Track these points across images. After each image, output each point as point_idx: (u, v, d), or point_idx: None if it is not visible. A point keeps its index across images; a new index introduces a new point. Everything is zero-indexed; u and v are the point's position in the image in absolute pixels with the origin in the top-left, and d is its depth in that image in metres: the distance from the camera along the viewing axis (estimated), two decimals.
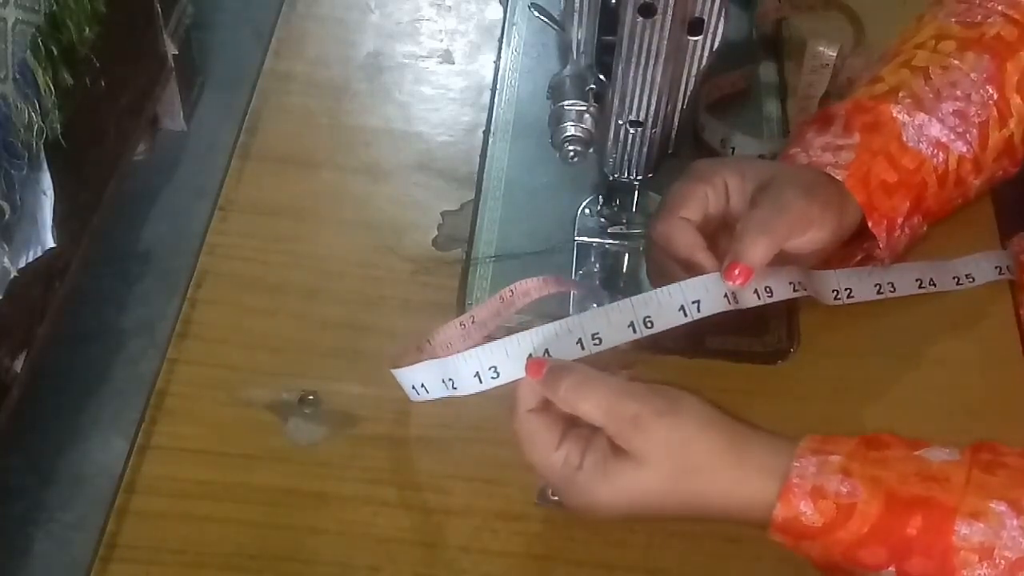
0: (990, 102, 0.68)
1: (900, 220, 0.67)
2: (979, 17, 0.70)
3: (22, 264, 1.22)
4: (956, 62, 0.69)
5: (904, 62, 0.70)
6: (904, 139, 0.67)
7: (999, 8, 0.70)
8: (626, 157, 0.69)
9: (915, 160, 0.67)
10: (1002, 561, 0.49)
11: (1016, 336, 0.71)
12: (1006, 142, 0.70)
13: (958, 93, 0.68)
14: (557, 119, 0.66)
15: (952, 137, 0.68)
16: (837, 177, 0.65)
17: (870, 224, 0.66)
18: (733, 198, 0.64)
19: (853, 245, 0.69)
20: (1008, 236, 0.77)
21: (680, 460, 0.54)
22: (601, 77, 0.66)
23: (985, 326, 0.72)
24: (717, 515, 0.55)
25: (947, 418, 0.67)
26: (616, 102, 0.65)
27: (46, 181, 1.24)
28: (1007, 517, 0.50)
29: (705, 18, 0.61)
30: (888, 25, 0.79)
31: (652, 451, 0.53)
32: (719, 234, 0.64)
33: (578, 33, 0.66)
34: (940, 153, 0.68)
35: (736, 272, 0.59)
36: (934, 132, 0.67)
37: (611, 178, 0.71)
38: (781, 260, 0.62)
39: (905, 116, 0.67)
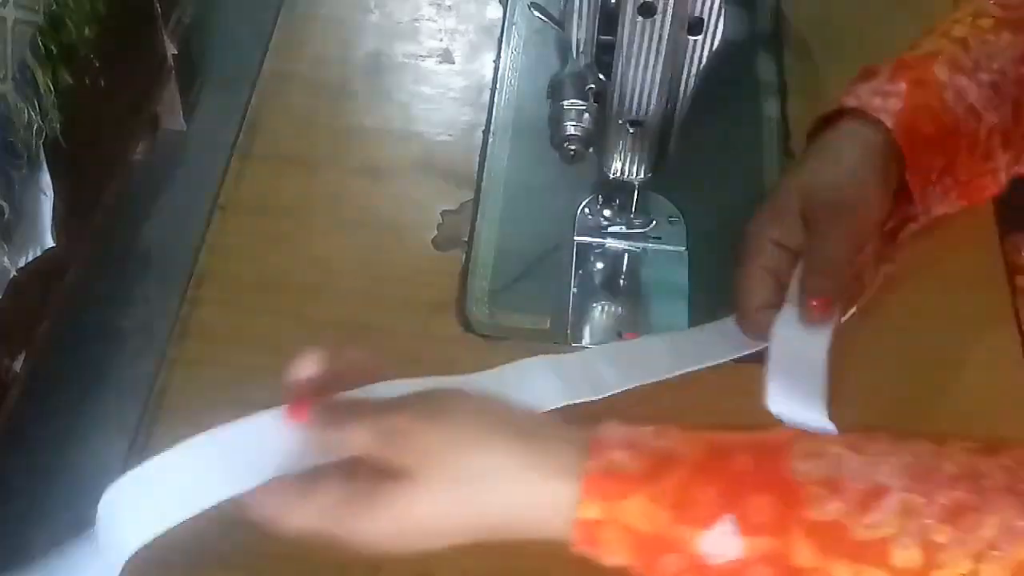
0: (1022, 84, 0.68)
1: (934, 176, 0.66)
2: (1018, 1, 0.70)
3: (21, 264, 1.22)
4: (993, 38, 0.68)
5: (943, 32, 0.69)
6: (945, 98, 0.66)
7: None
8: (626, 157, 0.69)
9: (953, 121, 0.66)
10: (853, 494, 0.44)
11: (1016, 336, 0.71)
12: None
13: (995, 67, 0.68)
14: (557, 119, 0.66)
15: (986, 106, 0.67)
16: (886, 123, 0.64)
17: (907, 177, 0.65)
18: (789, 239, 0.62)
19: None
20: (1008, 236, 0.77)
21: (454, 469, 0.47)
22: (601, 77, 0.66)
23: (985, 326, 0.72)
24: (513, 529, 0.49)
25: (947, 418, 0.67)
26: (616, 102, 0.65)
27: (45, 181, 1.24)
28: (846, 457, 0.45)
29: (705, 18, 0.61)
30: None
31: (422, 463, 0.47)
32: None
33: (578, 32, 0.66)
34: (972, 120, 0.67)
35: (814, 305, 0.58)
36: (971, 97, 0.67)
37: (611, 178, 0.71)
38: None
39: (946, 77, 0.67)
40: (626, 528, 0.46)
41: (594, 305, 0.73)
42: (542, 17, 0.75)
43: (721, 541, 0.44)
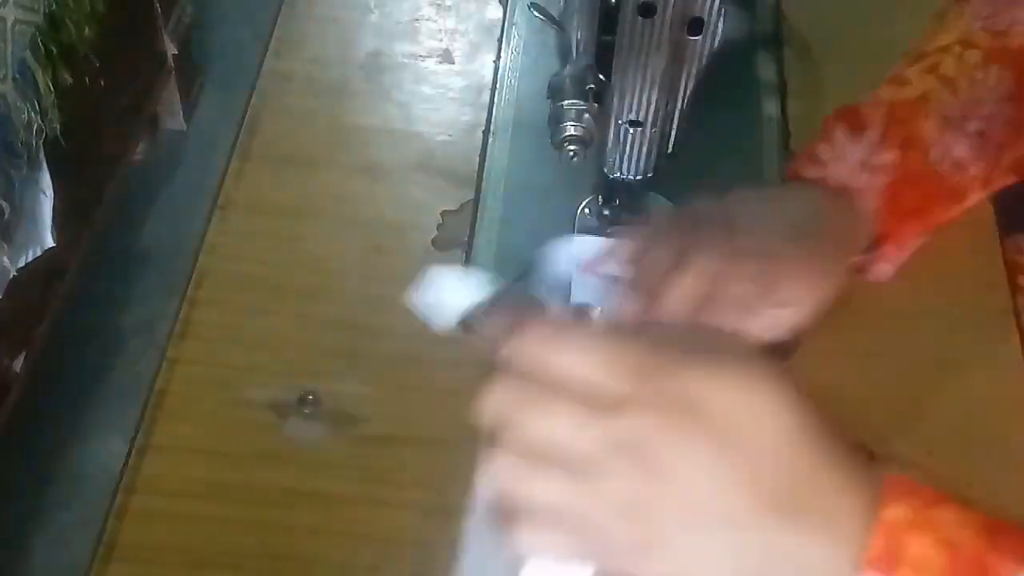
0: (1010, 123, 0.68)
1: (909, 244, 0.68)
2: (1006, 25, 0.69)
3: (21, 264, 1.22)
4: (981, 76, 0.68)
5: (931, 67, 0.69)
6: (930, 158, 0.66)
7: None
8: (626, 157, 0.69)
9: (936, 183, 0.67)
10: None
11: (1016, 336, 0.71)
12: (1017, 161, 0.69)
13: (983, 112, 0.68)
14: (557, 119, 0.66)
15: (972, 158, 0.67)
16: (870, 203, 0.65)
17: (882, 250, 0.66)
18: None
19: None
20: (1008, 236, 0.77)
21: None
22: (601, 77, 0.66)
23: (985, 326, 0.72)
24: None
25: (947, 418, 0.67)
26: (616, 102, 0.65)
27: (45, 181, 1.24)
28: None
29: (705, 18, 0.61)
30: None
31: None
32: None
33: (578, 33, 0.66)
34: (956, 174, 0.67)
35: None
36: (957, 152, 0.67)
37: (611, 178, 0.71)
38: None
39: (937, 134, 0.67)
40: (942, 540, 0.39)
41: (594, 305, 0.73)
42: (542, 17, 0.75)
43: None
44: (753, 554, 0.39)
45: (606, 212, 0.75)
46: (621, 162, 0.70)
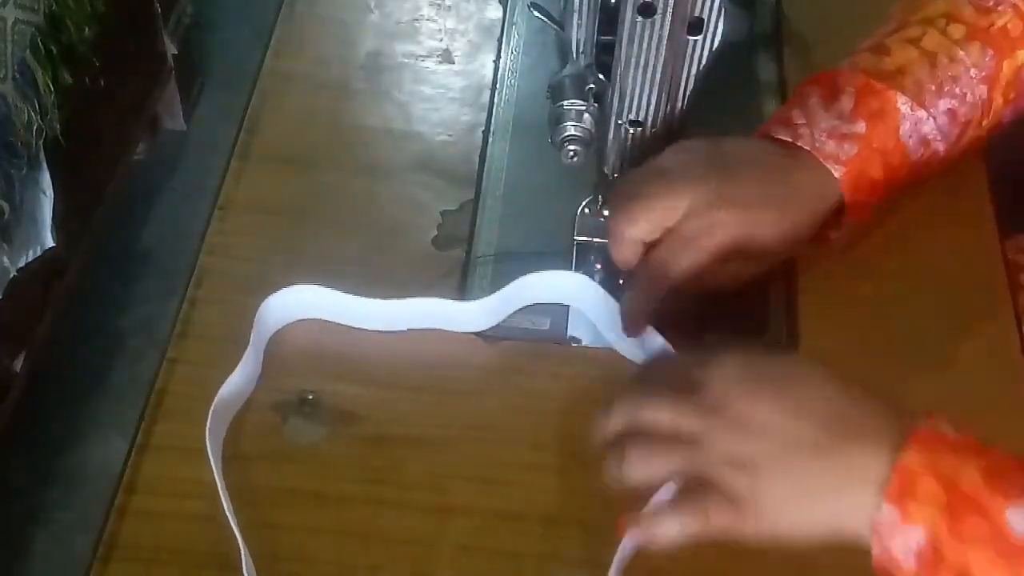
0: (979, 103, 0.69)
1: (868, 215, 0.69)
2: (992, 1, 0.70)
3: (22, 264, 1.22)
4: (962, 54, 0.68)
5: (912, 39, 0.69)
6: (900, 134, 0.67)
7: None
8: (626, 157, 0.69)
9: (902, 158, 0.68)
10: None
11: (1016, 336, 0.71)
12: (976, 140, 0.71)
13: (956, 91, 0.68)
14: (557, 119, 0.66)
15: (938, 137, 0.68)
16: (834, 173, 0.65)
17: (846, 218, 0.67)
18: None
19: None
20: (1008, 236, 0.77)
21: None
22: (601, 77, 0.67)
23: (985, 326, 0.72)
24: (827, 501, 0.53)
25: (947, 418, 0.67)
26: (616, 102, 0.65)
27: (46, 181, 1.24)
28: None
29: (705, 18, 0.61)
30: None
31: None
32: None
33: (578, 33, 0.66)
34: (922, 149, 0.68)
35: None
36: (925, 130, 0.68)
37: (611, 178, 0.71)
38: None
39: (907, 109, 0.67)
40: (945, 480, 0.49)
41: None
42: (542, 17, 0.75)
43: None
44: (816, 471, 0.52)
45: (606, 212, 0.75)
46: (621, 162, 0.70)
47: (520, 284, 0.70)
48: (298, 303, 0.70)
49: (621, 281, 0.73)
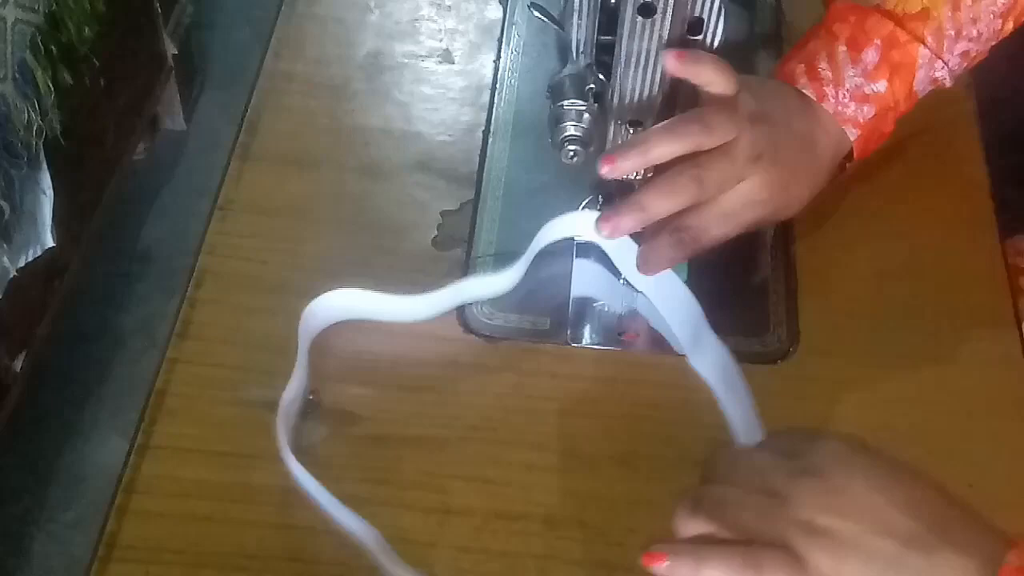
0: (993, 35, 0.70)
1: (870, 153, 0.71)
2: None
3: (22, 264, 1.22)
4: None
5: None
6: (914, 85, 0.69)
7: None
8: None
9: (910, 103, 0.70)
10: None
11: (1016, 336, 0.71)
12: (979, 61, 0.72)
13: (974, 33, 0.69)
14: (557, 119, 0.66)
15: (947, 77, 0.70)
16: (850, 136, 0.68)
17: (850, 165, 0.71)
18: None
19: None
20: (1008, 236, 0.77)
21: None
22: (601, 77, 0.66)
23: (985, 326, 0.72)
24: None
25: (947, 418, 0.67)
26: (616, 102, 0.65)
27: (46, 181, 1.24)
28: None
29: (705, 18, 0.61)
30: None
31: None
32: None
33: (578, 33, 0.66)
34: (930, 87, 0.71)
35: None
36: (937, 75, 0.70)
37: (611, 178, 0.71)
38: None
39: (926, 60, 0.69)
40: None
41: (594, 305, 0.73)
42: (542, 17, 0.75)
43: None
44: (904, 563, 0.47)
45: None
46: None
47: (539, 235, 0.71)
48: (339, 306, 0.70)
49: (621, 283, 0.73)
